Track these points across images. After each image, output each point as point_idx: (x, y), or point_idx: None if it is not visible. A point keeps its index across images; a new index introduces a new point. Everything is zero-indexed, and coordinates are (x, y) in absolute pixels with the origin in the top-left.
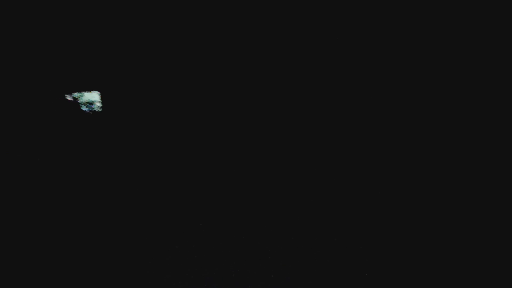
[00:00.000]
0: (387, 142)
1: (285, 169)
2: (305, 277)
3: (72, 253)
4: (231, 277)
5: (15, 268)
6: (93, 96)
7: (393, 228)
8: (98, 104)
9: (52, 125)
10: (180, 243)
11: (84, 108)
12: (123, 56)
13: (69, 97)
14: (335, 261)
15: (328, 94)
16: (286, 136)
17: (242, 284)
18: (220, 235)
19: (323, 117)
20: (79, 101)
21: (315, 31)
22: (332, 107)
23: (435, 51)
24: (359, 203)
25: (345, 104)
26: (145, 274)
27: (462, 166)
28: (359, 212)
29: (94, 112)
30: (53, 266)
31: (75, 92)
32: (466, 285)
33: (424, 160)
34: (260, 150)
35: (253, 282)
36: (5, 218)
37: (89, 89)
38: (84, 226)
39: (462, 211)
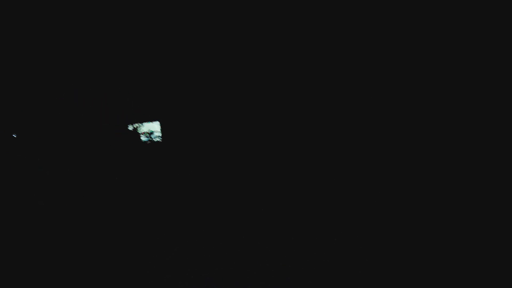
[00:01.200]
0: (386, 142)
1: (285, 169)
2: (305, 277)
3: (72, 253)
4: (231, 277)
5: (17, 267)
6: (153, 126)
7: (393, 228)
8: (157, 134)
9: (114, 152)
10: (180, 243)
11: (144, 138)
12: (182, 88)
13: (130, 127)
14: (335, 261)
15: (328, 94)
16: (285, 136)
17: (242, 284)
18: (220, 235)
19: (323, 117)
20: (138, 131)
21: (315, 31)
22: (332, 107)
23: (434, 51)
24: (359, 203)
25: (345, 104)
26: (145, 274)
27: (462, 166)
28: (360, 212)
29: (152, 141)
30: (53, 266)
31: (136, 122)
32: (466, 285)
33: (423, 160)
34: (260, 150)
35: (253, 282)
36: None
37: (150, 120)
38: (85, 226)
39: (462, 211)
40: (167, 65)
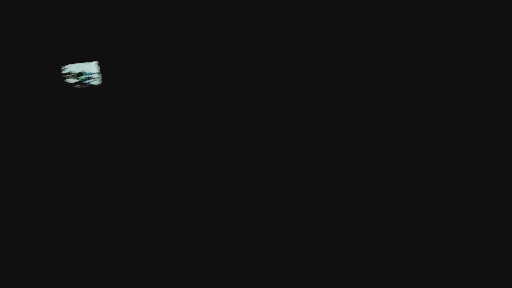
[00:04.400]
0: (386, 141)
1: (285, 168)
2: (305, 277)
3: (71, 253)
4: (231, 277)
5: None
6: (91, 67)
7: (394, 228)
8: (96, 77)
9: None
10: (179, 243)
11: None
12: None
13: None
14: (336, 261)
15: (327, 93)
16: (285, 135)
17: (242, 284)
18: (219, 235)
19: (323, 116)
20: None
21: (314, 31)
22: (332, 106)
23: (434, 51)
24: (360, 203)
25: (345, 103)
26: (145, 274)
27: (462, 166)
28: (360, 212)
29: (90, 87)
30: (52, 265)
31: (70, 63)
32: (466, 285)
33: (423, 160)
34: (260, 149)
35: (253, 282)
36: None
37: (87, 59)
38: (83, 225)
39: (462, 210)
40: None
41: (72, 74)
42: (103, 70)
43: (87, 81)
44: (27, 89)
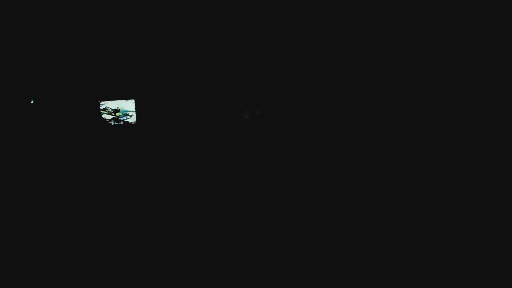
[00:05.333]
0: (386, 141)
1: (285, 167)
2: (305, 277)
3: (69, 253)
4: (230, 277)
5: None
6: (128, 105)
7: (395, 228)
8: (132, 114)
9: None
10: (178, 243)
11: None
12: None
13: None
14: (336, 261)
15: (326, 93)
16: (284, 134)
17: (242, 284)
18: (219, 234)
19: (322, 115)
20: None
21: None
22: (331, 106)
23: (433, 51)
24: (361, 202)
25: (344, 103)
26: (144, 274)
27: (462, 166)
28: (362, 211)
29: (126, 123)
30: (51, 265)
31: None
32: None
33: (422, 159)
34: (259, 148)
35: (253, 282)
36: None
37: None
38: (83, 226)
39: (462, 210)
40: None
41: (108, 110)
42: (139, 108)
43: (123, 118)
44: (67, 121)
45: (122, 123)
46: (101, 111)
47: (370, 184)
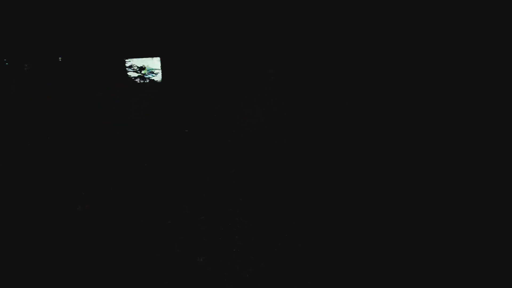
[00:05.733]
0: (385, 140)
1: (285, 166)
2: (305, 276)
3: (67, 253)
4: (229, 277)
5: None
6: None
7: (395, 228)
8: (157, 72)
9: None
10: (178, 243)
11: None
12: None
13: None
14: (336, 261)
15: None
16: (283, 134)
17: (241, 284)
18: (218, 234)
19: (322, 114)
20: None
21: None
22: (330, 105)
23: (433, 51)
24: (362, 201)
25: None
26: (143, 274)
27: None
28: (364, 210)
29: (152, 81)
30: (50, 265)
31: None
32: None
33: (423, 159)
34: (258, 147)
35: (252, 282)
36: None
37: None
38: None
39: (462, 210)
40: None
41: (134, 68)
42: (164, 66)
43: (148, 76)
44: (92, 80)
45: (148, 81)
46: (127, 69)
47: (369, 185)
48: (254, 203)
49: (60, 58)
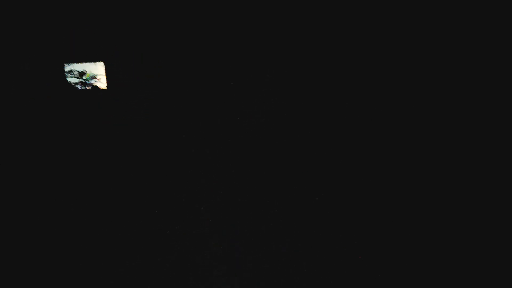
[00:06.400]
0: (385, 140)
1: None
2: (305, 277)
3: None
4: (229, 277)
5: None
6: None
7: (397, 228)
8: (101, 79)
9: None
10: (176, 243)
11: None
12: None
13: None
14: (337, 261)
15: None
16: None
17: (241, 283)
18: (217, 234)
19: (322, 114)
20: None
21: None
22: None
23: (434, 51)
24: (362, 201)
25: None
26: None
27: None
28: (364, 210)
29: (95, 88)
30: (48, 265)
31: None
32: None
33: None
34: (256, 147)
35: (252, 282)
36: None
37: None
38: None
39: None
40: None
41: (74, 74)
42: (109, 71)
43: (91, 81)
44: (26, 85)
45: (90, 87)
46: (66, 74)
47: (369, 185)
48: (254, 203)
49: None
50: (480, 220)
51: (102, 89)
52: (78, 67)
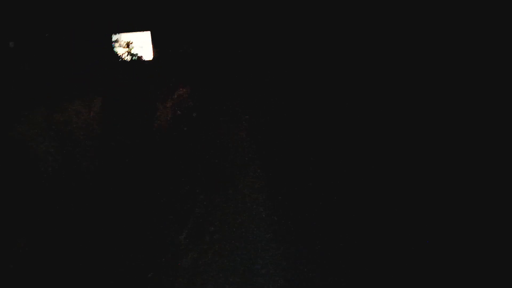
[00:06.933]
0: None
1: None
2: (305, 276)
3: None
4: (228, 277)
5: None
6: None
7: (396, 228)
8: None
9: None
10: (176, 243)
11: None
12: None
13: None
14: (337, 260)
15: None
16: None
17: (240, 283)
18: (216, 233)
19: (322, 113)
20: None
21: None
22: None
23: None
24: (363, 202)
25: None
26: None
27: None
28: (364, 210)
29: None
30: (48, 265)
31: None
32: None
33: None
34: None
35: (252, 281)
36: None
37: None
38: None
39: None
40: None
41: (121, 43)
42: (156, 41)
43: (137, 52)
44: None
45: (136, 57)
46: (113, 44)
47: (369, 185)
48: (253, 203)
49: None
50: (479, 220)
51: (147, 60)
52: (124, 36)
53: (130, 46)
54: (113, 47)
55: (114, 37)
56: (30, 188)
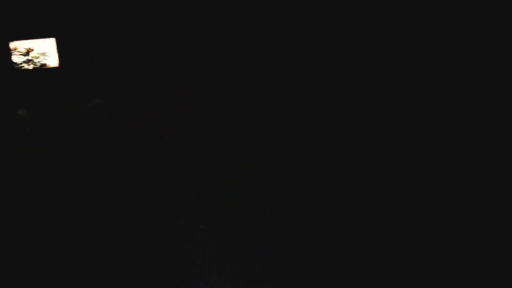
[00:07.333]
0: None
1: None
2: (305, 276)
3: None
4: (228, 277)
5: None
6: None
7: (396, 228)
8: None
9: None
10: (175, 243)
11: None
12: None
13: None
14: (337, 261)
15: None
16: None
17: (240, 283)
18: (215, 233)
19: (322, 113)
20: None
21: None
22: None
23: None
24: (362, 202)
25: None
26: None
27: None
28: (364, 210)
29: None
30: (48, 265)
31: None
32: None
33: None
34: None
35: (252, 282)
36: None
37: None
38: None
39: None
40: None
41: (20, 51)
42: (60, 48)
43: (39, 59)
44: None
45: (39, 65)
46: (11, 52)
47: (369, 185)
48: (253, 203)
49: None
50: (478, 220)
51: (52, 67)
52: (24, 44)
53: (31, 54)
54: (10, 56)
55: (12, 45)
56: (30, 188)
